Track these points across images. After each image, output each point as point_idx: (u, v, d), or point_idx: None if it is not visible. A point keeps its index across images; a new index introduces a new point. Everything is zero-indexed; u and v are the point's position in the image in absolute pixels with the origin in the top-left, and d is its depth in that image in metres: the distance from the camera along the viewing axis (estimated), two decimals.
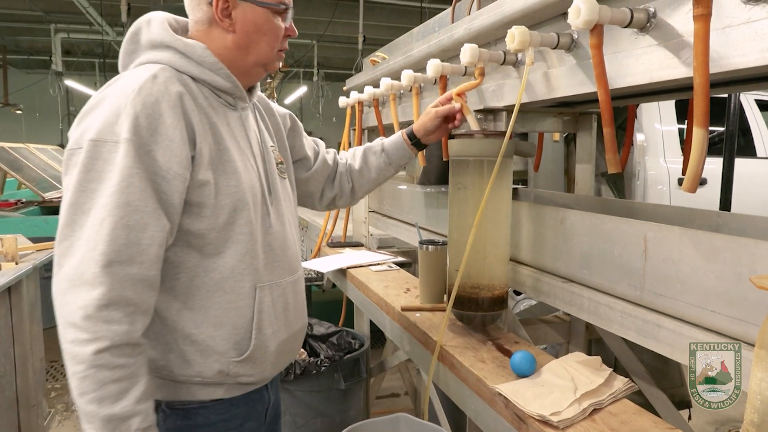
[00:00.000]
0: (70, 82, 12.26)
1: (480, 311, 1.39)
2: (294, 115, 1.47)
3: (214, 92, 1.13)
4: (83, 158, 0.97)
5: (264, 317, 1.14)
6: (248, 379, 1.14)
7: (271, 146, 1.28)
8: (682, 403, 2.15)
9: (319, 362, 2.25)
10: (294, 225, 1.31)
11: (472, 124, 1.43)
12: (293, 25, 1.20)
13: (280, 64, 1.24)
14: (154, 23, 1.12)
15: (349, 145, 2.69)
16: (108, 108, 0.99)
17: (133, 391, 0.97)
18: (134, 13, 7.61)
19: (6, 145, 6.74)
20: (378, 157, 1.52)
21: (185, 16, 1.19)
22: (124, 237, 0.96)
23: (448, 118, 1.46)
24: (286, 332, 1.20)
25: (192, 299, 1.08)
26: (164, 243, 1.02)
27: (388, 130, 2.42)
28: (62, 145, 10.67)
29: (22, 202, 6.18)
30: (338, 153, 1.59)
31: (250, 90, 1.23)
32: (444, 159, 1.62)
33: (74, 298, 0.96)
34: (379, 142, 1.55)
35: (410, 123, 2.10)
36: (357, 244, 2.74)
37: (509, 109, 1.44)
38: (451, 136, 1.44)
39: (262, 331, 1.13)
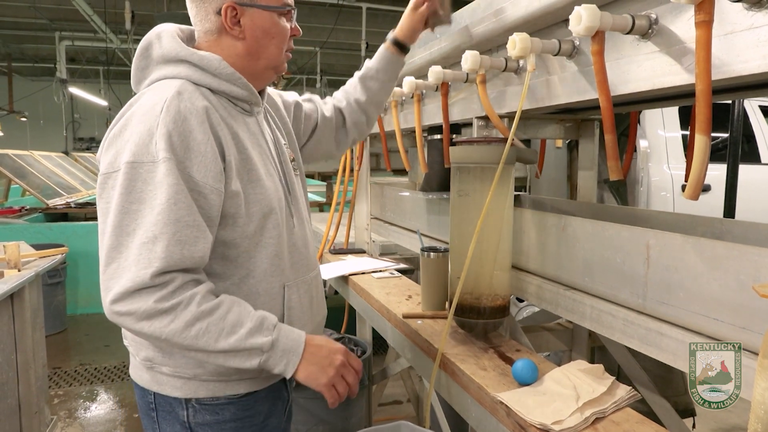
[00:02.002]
0: (74, 90, 12.33)
1: (481, 319, 1.38)
2: (298, 102, 1.48)
3: (231, 101, 1.16)
4: (122, 180, 0.99)
5: (293, 314, 1.19)
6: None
7: (284, 144, 1.32)
8: (686, 411, 2.13)
9: None
10: (309, 221, 1.35)
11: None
12: (297, 24, 1.22)
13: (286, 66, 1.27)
14: (164, 37, 1.13)
15: (351, 152, 2.69)
16: (138, 129, 1.01)
17: (245, 306, 1.06)
18: (138, 21, 7.67)
19: (10, 152, 6.78)
20: (376, 81, 1.51)
21: (186, 23, 1.20)
22: (179, 252, 0.98)
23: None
24: (312, 324, 1.26)
25: None
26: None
27: (390, 137, 2.43)
28: (66, 152, 10.73)
29: (26, 209, 6.21)
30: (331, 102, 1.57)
31: (261, 92, 1.26)
32: (446, 166, 1.61)
33: (142, 302, 0.97)
34: (368, 65, 1.52)
35: (412, 130, 2.11)
36: (359, 251, 2.73)
37: (511, 116, 1.44)
38: (453, 143, 1.44)
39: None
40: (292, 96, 1.48)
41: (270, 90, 1.39)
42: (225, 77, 1.12)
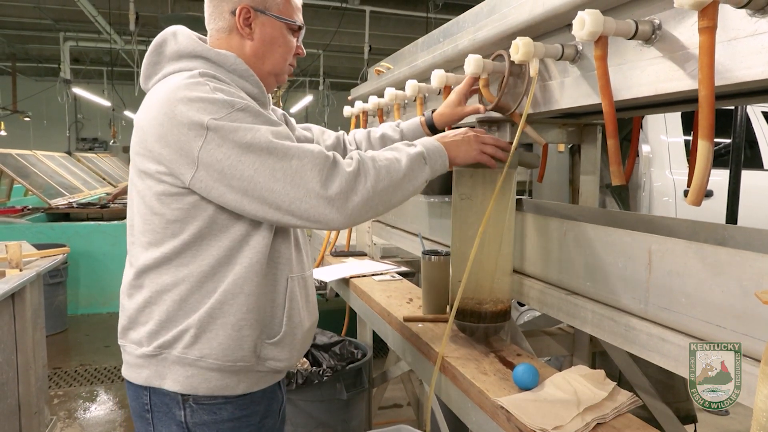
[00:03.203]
0: (78, 90, 12.36)
1: (482, 323, 1.38)
2: (286, 114, 1.50)
3: None
4: (220, 135, 1.02)
5: (293, 305, 1.22)
6: (278, 364, 1.21)
7: None
8: (688, 417, 2.13)
9: (321, 372, 2.24)
10: None
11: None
12: (302, 45, 1.29)
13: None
14: (180, 35, 1.18)
15: None
16: (192, 95, 1.04)
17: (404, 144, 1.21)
18: (142, 23, 7.68)
19: (13, 151, 6.80)
20: None
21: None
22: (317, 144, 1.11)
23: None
24: (309, 321, 1.28)
25: (243, 284, 1.13)
26: None
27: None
28: (69, 152, 10.75)
29: (28, 209, 6.23)
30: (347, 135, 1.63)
31: None
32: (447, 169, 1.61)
33: (342, 174, 1.06)
34: (397, 130, 1.56)
35: None
36: (360, 254, 2.73)
37: (511, 120, 1.43)
38: None
39: (291, 319, 1.21)
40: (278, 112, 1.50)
41: None
42: (239, 73, 1.18)
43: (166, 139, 1.05)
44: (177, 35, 1.17)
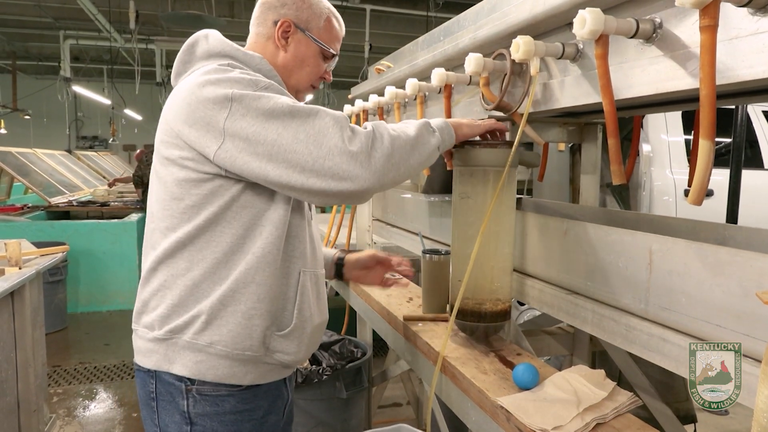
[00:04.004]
0: (78, 88, 12.35)
1: (483, 322, 1.38)
2: None
3: None
4: (244, 105, 1.06)
5: (304, 300, 1.24)
6: (285, 358, 1.22)
7: None
8: (687, 417, 2.13)
9: (320, 371, 2.24)
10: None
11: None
12: (331, 73, 1.36)
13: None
14: (212, 36, 1.24)
15: None
16: (219, 77, 1.09)
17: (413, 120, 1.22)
18: (142, 21, 7.68)
19: (13, 149, 6.80)
20: None
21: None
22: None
23: (384, 264, 1.62)
24: (319, 318, 1.30)
25: (255, 273, 1.15)
26: None
27: None
28: (69, 151, 10.75)
29: (28, 207, 6.23)
30: None
31: None
32: (448, 168, 1.61)
33: (359, 134, 1.08)
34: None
35: None
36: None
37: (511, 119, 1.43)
38: (455, 146, 1.44)
39: (302, 312, 1.23)
40: None
41: None
42: (264, 73, 1.21)
43: (193, 116, 1.08)
44: (208, 37, 1.23)
